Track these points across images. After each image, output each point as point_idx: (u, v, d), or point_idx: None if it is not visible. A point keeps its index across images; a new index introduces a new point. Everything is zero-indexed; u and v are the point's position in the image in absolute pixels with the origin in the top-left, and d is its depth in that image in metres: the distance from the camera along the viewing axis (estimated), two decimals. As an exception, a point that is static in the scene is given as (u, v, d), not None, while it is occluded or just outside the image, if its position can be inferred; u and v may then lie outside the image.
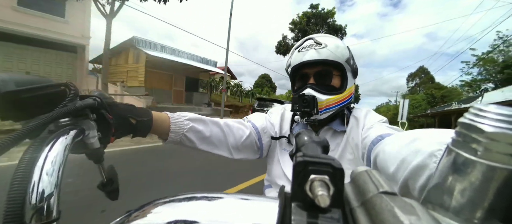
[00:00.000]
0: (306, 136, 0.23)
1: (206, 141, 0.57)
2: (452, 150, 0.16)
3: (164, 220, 0.16)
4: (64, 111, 0.29)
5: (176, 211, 0.17)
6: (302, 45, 0.67)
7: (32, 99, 0.28)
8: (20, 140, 0.23)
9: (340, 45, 0.66)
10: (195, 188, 0.51)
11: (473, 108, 0.16)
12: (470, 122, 0.15)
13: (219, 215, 0.16)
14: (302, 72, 0.68)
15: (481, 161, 0.14)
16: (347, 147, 0.65)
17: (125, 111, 0.42)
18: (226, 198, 0.18)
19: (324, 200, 0.13)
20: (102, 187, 0.39)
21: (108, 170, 0.39)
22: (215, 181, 3.28)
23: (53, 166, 0.23)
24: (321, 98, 0.63)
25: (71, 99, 0.31)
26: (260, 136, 0.68)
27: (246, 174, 3.51)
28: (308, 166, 0.15)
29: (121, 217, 0.18)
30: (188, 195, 0.18)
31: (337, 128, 0.68)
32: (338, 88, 0.66)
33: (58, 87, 0.32)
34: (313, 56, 0.63)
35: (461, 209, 0.14)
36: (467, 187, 0.14)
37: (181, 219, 0.16)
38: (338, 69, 0.66)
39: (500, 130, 0.13)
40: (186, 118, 0.54)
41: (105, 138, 0.37)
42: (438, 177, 0.17)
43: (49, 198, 0.22)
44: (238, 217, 0.16)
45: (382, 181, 0.15)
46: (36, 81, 0.30)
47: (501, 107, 0.14)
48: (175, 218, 0.16)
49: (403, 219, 0.12)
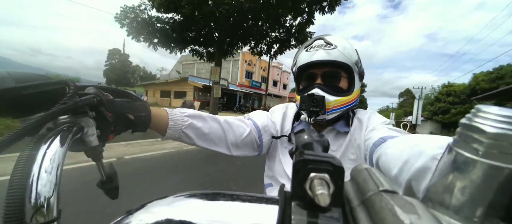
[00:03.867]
0: (306, 134, 0.23)
1: (204, 138, 0.57)
2: (453, 150, 0.16)
3: (163, 220, 0.16)
4: (63, 108, 0.28)
5: (176, 210, 0.17)
6: (311, 44, 0.66)
7: (31, 96, 0.28)
8: (19, 138, 0.22)
9: (348, 47, 0.66)
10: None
11: (474, 109, 0.16)
12: (471, 123, 0.15)
13: (219, 214, 0.16)
14: (309, 72, 0.68)
15: (482, 160, 0.14)
16: (349, 148, 0.65)
17: (123, 107, 0.42)
18: (226, 198, 0.18)
19: (324, 199, 0.13)
20: (102, 186, 0.39)
21: (107, 168, 0.39)
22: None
23: (52, 164, 0.23)
24: (329, 98, 0.63)
25: (70, 97, 0.31)
26: (260, 134, 0.68)
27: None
28: (308, 164, 0.15)
29: (121, 217, 0.18)
30: (188, 194, 0.18)
31: (340, 129, 0.69)
32: (345, 90, 0.67)
33: (58, 85, 0.32)
34: (323, 56, 0.63)
35: (461, 208, 0.14)
36: (468, 186, 0.14)
37: (181, 219, 0.16)
38: (346, 71, 0.66)
39: (501, 131, 0.13)
40: (185, 115, 0.54)
41: (104, 135, 0.37)
42: (438, 176, 0.17)
43: (49, 197, 0.21)
44: (238, 217, 0.16)
45: (382, 179, 0.15)
46: (36, 78, 0.30)
47: (503, 108, 0.14)
48: (175, 217, 0.16)
49: (403, 218, 0.12)
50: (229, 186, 3.03)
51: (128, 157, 3.99)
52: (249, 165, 3.80)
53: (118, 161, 3.69)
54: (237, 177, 3.43)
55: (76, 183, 2.53)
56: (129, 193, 2.30)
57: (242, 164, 3.87)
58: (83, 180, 2.58)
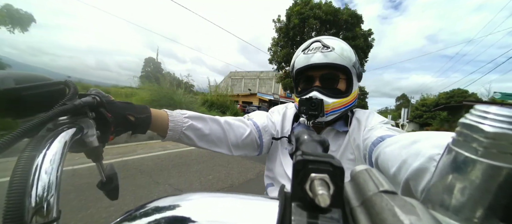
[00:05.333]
0: (305, 135, 0.23)
1: (205, 139, 0.57)
2: (452, 149, 0.16)
3: (163, 220, 0.16)
4: (63, 109, 0.28)
5: (176, 211, 0.17)
6: (309, 47, 0.66)
7: (31, 97, 0.28)
8: (19, 139, 0.22)
9: (346, 48, 0.65)
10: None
11: (474, 108, 0.15)
12: (471, 122, 0.15)
13: (219, 215, 0.16)
14: (307, 75, 0.68)
15: (481, 160, 0.14)
16: (348, 147, 0.66)
17: (123, 108, 0.41)
18: (226, 198, 0.18)
19: (324, 200, 0.13)
20: (102, 186, 0.38)
21: (107, 168, 0.39)
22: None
23: (52, 165, 0.23)
24: (327, 101, 0.63)
25: (70, 97, 0.31)
26: (261, 134, 0.68)
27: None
28: (307, 164, 0.15)
29: (120, 217, 0.18)
30: (188, 195, 0.18)
31: (339, 128, 0.69)
32: (343, 91, 0.67)
33: (58, 85, 0.32)
34: (320, 59, 0.63)
35: (461, 208, 0.14)
36: (467, 186, 0.14)
37: (181, 219, 0.16)
38: (344, 73, 0.66)
39: (501, 130, 0.13)
40: (185, 116, 0.54)
41: (104, 136, 0.37)
42: (438, 176, 0.17)
43: (49, 197, 0.21)
44: (238, 217, 0.16)
45: (382, 180, 0.15)
46: (36, 78, 0.30)
47: (502, 107, 0.14)
48: (175, 218, 0.16)
49: (403, 219, 0.12)
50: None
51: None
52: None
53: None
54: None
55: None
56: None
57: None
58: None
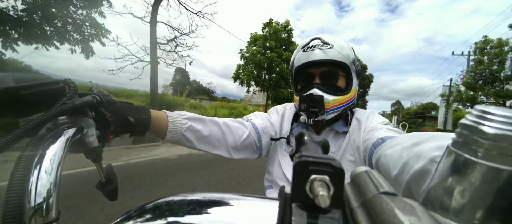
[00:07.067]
0: (306, 136, 0.23)
1: (204, 141, 0.57)
2: (453, 151, 0.16)
3: (164, 221, 0.16)
4: (63, 108, 0.28)
5: (176, 211, 0.17)
6: (308, 44, 0.66)
7: (31, 96, 0.28)
8: (18, 139, 0.22)
9: (345, 46, 0.66)
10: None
11: (474, 109, 0.15)
12: (471, 124, 0.15)
13: (219, 215, 0.16)
14: (307, 72, 0.67)
15: (481, 162, 0.14)
16: (348, 148, 0.65)
17: (123, 109, 0.41)
18: (227, 199, 0.18)
19: (324, 201, 0.13)
20: (101, 187, 0.38)
21: (107, 169, 0.39)
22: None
23: (52, 165, 0.23)
24: (328, 98, 0.63)
25: (70, 97, 0.31)
26: (259, 136, 0.68)
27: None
28: (308, 166, 0.15)
29: (121, 218, 0.18)
30: (188, 195, 0.18)
31: (339, 129, 0.68)
32: (343, 89, 0.66)
33: (57, 84, 0.32)
34: (320, 56, 0.63)
35: (461, 210, 0.14)
36: (467, 188, 0.14)
37: (181, 219, 0.16)
38: (343, 70, 0.66)
39: (501, 131, 0.13)
40: (185, 117, 0.54)
41: (103, 136, 0.37)
42: (438, 178, 0.17)
43: (48, 197, 0.21)
44: (238, 218, 0.16)
45: (382, 181, 0.15)
46: (35, 78, 0.30)
47: (503, 109, 0.14)
48: (175, 218, 0.16)
49: (403, 220, 0.12)
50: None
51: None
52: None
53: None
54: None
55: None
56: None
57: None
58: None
